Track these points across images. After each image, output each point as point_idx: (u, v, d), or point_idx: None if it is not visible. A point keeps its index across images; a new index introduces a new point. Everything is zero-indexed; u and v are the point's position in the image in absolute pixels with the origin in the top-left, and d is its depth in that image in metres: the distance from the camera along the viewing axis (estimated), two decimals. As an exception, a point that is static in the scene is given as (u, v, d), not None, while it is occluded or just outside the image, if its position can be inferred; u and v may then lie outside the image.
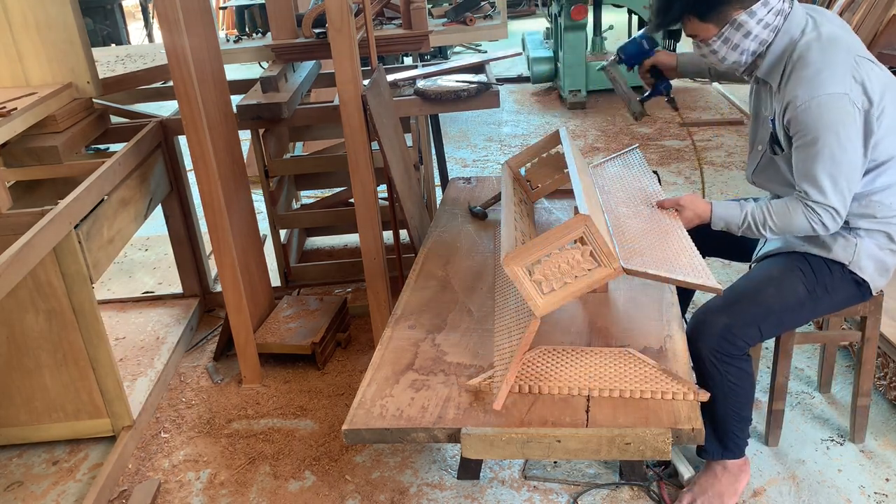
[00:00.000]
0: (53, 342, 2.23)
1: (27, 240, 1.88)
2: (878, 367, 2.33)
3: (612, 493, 2.08)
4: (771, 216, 1.81)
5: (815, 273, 1.86)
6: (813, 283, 1.85)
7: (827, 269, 1.86)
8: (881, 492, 2.02)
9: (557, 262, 1.51)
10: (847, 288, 1.89)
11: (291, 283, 3.27)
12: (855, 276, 1.87)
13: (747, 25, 1.77)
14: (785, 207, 1.79)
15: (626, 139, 5.14)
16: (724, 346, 1.79)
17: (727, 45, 1.81)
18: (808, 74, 1.71)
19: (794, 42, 1.78)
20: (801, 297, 1.85)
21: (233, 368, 2.80)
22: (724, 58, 1.84)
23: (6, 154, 2.44)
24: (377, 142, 2.41)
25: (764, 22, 1.77)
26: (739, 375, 1.82)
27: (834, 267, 1.86)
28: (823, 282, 1.86)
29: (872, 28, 4.56)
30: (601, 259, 1.52)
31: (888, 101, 1.73)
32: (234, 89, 2.95)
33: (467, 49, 7.83)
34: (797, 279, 1.85)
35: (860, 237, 1.84)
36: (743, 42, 1.80)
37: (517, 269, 1.52)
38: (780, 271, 1.88)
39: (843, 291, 1.89)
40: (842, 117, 1.68)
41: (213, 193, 2.48)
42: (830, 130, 1.68)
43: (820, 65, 1.70)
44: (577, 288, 1.53)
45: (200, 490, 2.23)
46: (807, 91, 1.70)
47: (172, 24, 2.24)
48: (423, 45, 3.29)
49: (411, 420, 1.54)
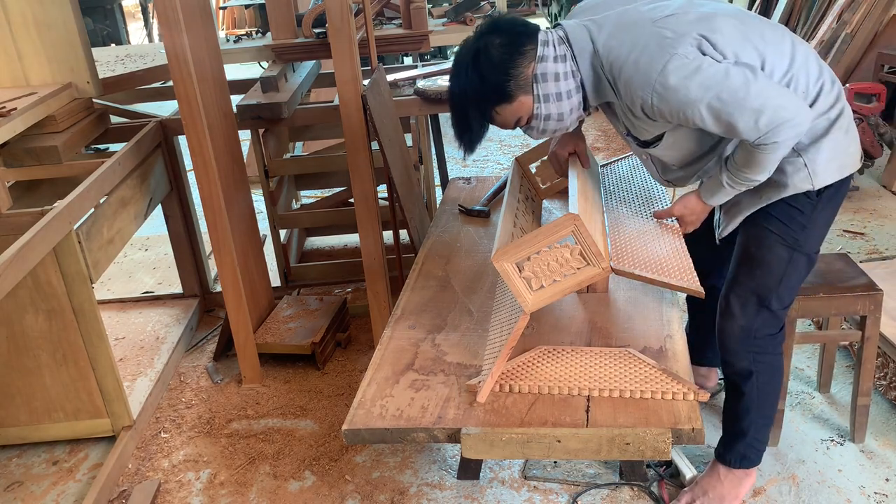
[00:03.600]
0: (53, 342, 2.23)
1: (27, 240, 1.88)
2: (878, 367, 2.33)
3: (612, 493, 2.08)
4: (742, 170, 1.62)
5: (785, 223, 1.71)
6: (789, 235, 1.72)
7: (793, 209, 1.70)
8: (881, 492, 2.02)
9: (547, 260, 1.51)
10: (822, 206, 1.71)
11: (291, 283, 3.27)
12: (824, 190, 1.68)
13: (549, 69, 1.61)
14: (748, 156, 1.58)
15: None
16: (751, 345, 1.78)
17: (550, 101, 1.63)
18: (630, 72, 1.56)
19: (592, 55, 1.62)
20: (787, 256, 1.73)
21: (233, 368, 2.80)
22: (561, 114, 1.65)
23: (6, 154, 2.44)
24: (377, 142, 2.41)
25: (556, 56, 1.62)
26: (771, 374, 1.82)
27: (799, 200, 1.69)
28: (798, 222, 1.71)
29: (872, 28, 4.56)
30: (590, 258, 1.52)
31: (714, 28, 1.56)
32: (234, 89, 2.95)
33: (467, 49, 7.81)
34: (774, 243, 1.73)
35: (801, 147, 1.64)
36: (560, 87, 1.62)
37: (507, 265, 1.52)
38: (756, 246, 1.76)
39: (823, 211, 1.72)
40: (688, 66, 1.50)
41: (213, 193, 2.48)
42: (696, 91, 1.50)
43: (632, 56, 1.55)
44: (566, 286, 1.53)
45: (200, 490, 2.23)
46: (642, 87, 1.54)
47: (172, 24, 2.24)
48: (423, 45, 3.30)
49: (411, 420, 1.54)
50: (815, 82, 1.63)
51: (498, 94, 1.62)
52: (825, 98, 1.64)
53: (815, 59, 1.66)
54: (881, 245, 3.38)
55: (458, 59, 1.67)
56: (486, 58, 1.61)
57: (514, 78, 1.61)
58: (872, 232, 3.51)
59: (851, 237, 3.48)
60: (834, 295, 2.05)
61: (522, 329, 1.55)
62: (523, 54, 1.61)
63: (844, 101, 1.67)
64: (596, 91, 1.67)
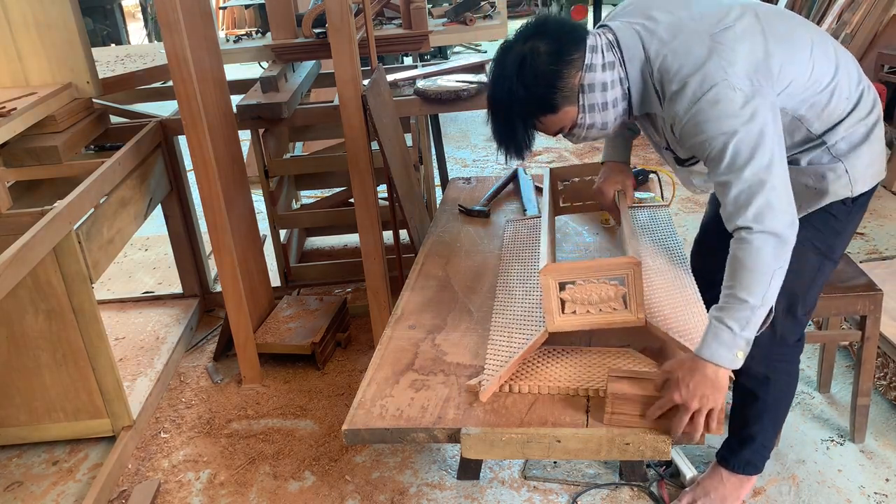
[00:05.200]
0: (53, 342, 2.23)
1: (27, 240, 1.88)
2: (878, 367, 2.33)
3: (612, 493, 2.08)
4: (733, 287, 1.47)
5: (820, 230, 1.69)
6: (823, 241, 1.70)
7: (829, 215, 1.68)
8: (881, 492, 2.02)
9: (590, 291, 1.53)
10: (855, 212, 1.71)
11: (291, 283, 3.27)
12: (859, 196, 1.67)
13: (596, 79, 1.55)
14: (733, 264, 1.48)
15: (626, 139, 5.13)
16: (775, 351, 1.75)
17: (595, 111, 1.58)
18: (677, 87, 1.50)
19: (644, 62, 1.56)
20: (817, 263, 1.72)
21: (233, 368, 2.80)
22: (605, 123, 1.61)
23: (6, 154, 2.44)
24: (377, 142, 2.41)
25: (605, 64, 1.56)
26: (788, 382, 1.80)
27: (835, 207, 1.67)
28: (833, 229, 1.69)
29: (872, 28, 4.56)
30: (630, 305, 1.53)
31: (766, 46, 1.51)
32: (234, 89, 2.96)
33: (467, 49, 7.83)
34: (806, 250, 1.67)
35: (842, 153, 1.62)
36: (607, 97, 1.57)
37: (551, 281, 1.53)
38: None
39: (855, 216, 1.72)
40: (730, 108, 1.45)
41: (213, 193, 2.48)
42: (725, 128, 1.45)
43: (683, 70, 1.49)
44: (595, 321, 1.55)
45: (200, 490, 2.23)
46: (684, 104, 1.49)
47: (172, 24, 2.24)
48: (423, 45, 3.29)
49: (411, 420, 1.54)
50: (856, 86, 1.63)
51: (543, 106, 1.57)
52: (864, 103, 1.63)
53: (854, 63, 1.66)
54: (881, 245, 3.38)
55: (501, 63, 1.58)
56: (532, 67, 1.53)
57: (560, 90, 1.54)
58: (872, 232, 3.51)
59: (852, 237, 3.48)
60: (834, 295, 2.05)
61: (540, 343, 1.57)
62: (570, 63, 1.54)
63: (879, 106, 1.66)
64: (642, 100, 1.61)
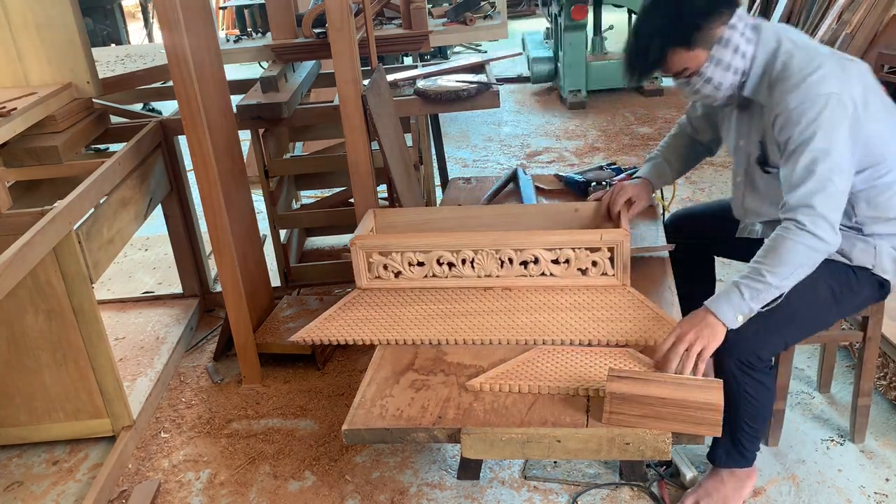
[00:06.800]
0: (53, 342, 2.23)
1: (27, 240, 1.88)
2: (878, 367, 2.33)
3: (612, 493, 2.08)
4: (762, 263, 1.66)
5: (839, 277, 1.81)
6: (839, 286, 1.81)
7: (851, 272, 1.82)
8: (881, 492, 2.02)
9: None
10: (871, 288, 1.85)
11: (291, 283, 3.27)
12: (878, 278, 1.83)
13: (733, 40, 1.73)
14: (771, 244, 1.68)
15: (625, 139, 5.13)
16: (749, 358, 1.75)
17: (720, 66, 1.75)
18: (795, 80, 1.67)
19: (772, 53, 1.74)
20: (827, 301, 1.81)
21: (233, 368, 2.80)
22: (720, 83, 1.77)
23: (6, 154, 2.44)
24: (377, 142, 2.41)
25: (746, 36, 1.74)
26: (757, 388, 1.79)
27: (858, 270, 1.82)
28: (849, 284, 1.82)
29: (872, 28, 4.56)
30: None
31: (871, 97, 1.71)
32: (234, 89, 2.95)
33: (467, 49, 7.83)
34: (823, 284, 1.79)
35: (878, 239, 1.80)
36: (734, 60, 1.74)
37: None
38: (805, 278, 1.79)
39: (867, 290, 1.86)
40: (833, 118, 1.64)
41: (213, 193, 2.48)
42: (821, 133, 1.63)
43: (806, 69, 1.67)
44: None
45: (200, 490, 2.23)
46: (796, 96, 1.66)
47: (172, 24, 2.23)
48: (423, 45, 3.29)
49: (411, 420, 1.54)
50: None
51: (683, 38, 1.71)
52: None
53: None
54: (881, 245, 3.38)
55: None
56: (689, 1, 1.71)
57: (703, 30, 1.71)
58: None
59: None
60: (834, 295, 2.05)
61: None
62: (720, 14, 1.71)
63: None
64: (757, 82, 1.77)
